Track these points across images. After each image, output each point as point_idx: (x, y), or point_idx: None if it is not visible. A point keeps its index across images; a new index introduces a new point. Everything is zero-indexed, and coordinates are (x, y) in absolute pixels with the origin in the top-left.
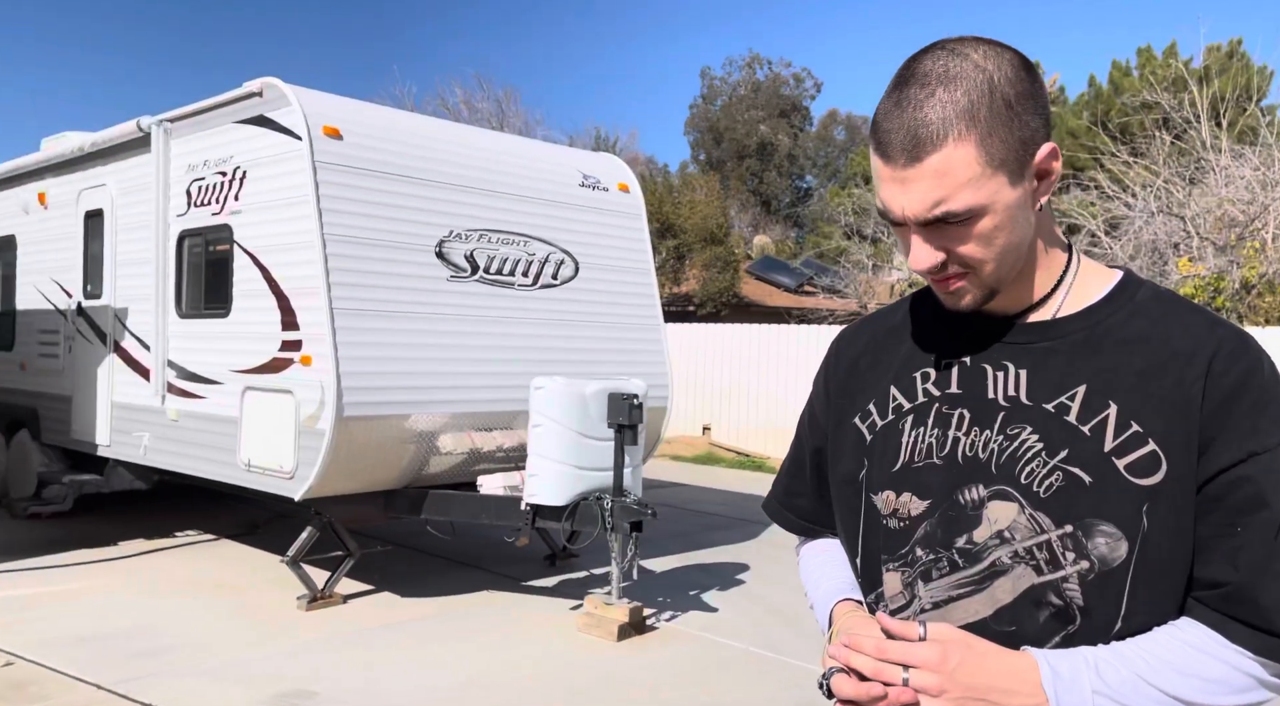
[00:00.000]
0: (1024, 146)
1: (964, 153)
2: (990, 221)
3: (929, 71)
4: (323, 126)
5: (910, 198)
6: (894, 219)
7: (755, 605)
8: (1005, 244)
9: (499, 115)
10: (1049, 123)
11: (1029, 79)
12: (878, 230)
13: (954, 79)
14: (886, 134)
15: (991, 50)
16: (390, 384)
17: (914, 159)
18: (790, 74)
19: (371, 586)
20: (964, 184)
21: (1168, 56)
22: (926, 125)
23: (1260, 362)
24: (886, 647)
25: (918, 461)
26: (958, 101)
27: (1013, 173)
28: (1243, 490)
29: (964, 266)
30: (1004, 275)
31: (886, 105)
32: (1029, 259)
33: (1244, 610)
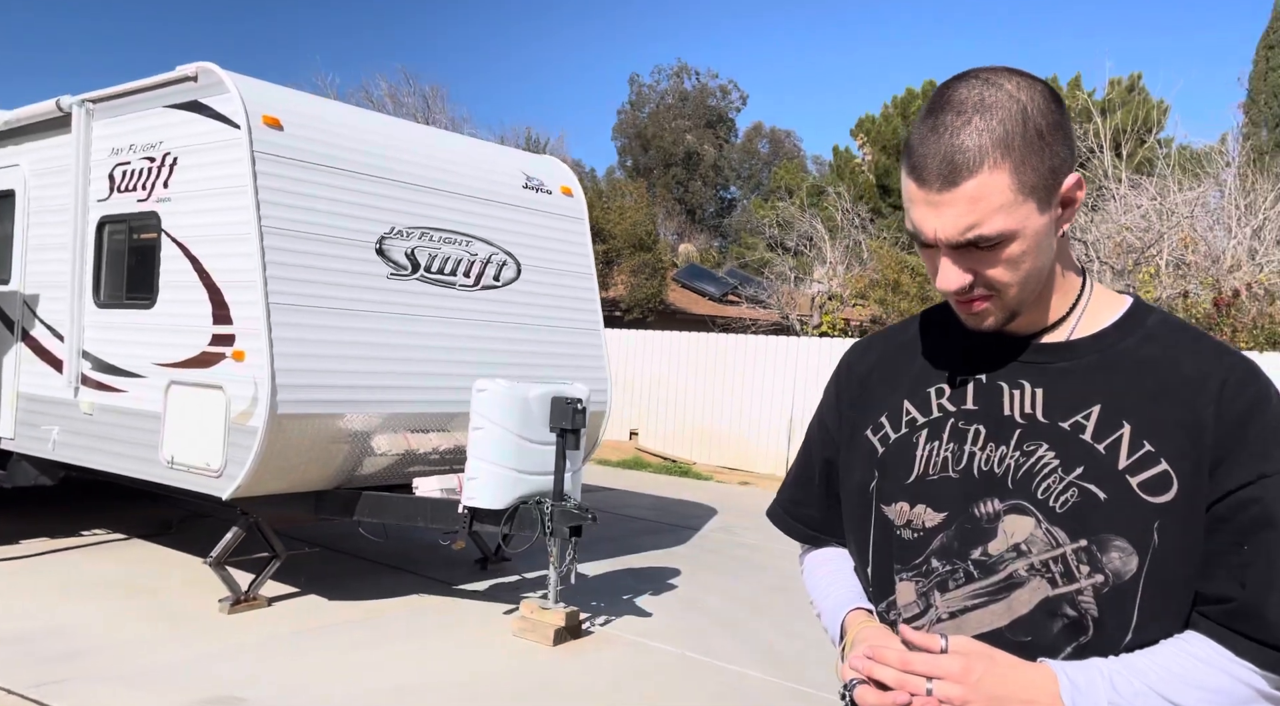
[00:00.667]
0: (1053, 175)
1: (998, 180)
2: (1019, 246)
3: (965, 99)
4: (263, 116)
5: (943, 221)
6: (924, 240)
7: (688, 609)
8: (1031, 268)
9: (425, 111)
10: (1075, 153)
11: (1059, 110)
12: (800, 243)
13: (990, 108)
14: (922, 158)
15: (1024, 81)
16: (327, 382)
17: (950, 184)
18: (717, 86)
19: (297, 589)
20: (997, 209)
21: (1073, 88)
22: (963, 152)
23: (1268, 390)
24: (911, 659)
25: (932, 474)
26: (994, 129)
27: (1041, 200)
28: (1251, 510)
29: (989, 289)
30: (1026, 298)
31: (922, 131)
32: (1048, 282)
33: (1249, 625)
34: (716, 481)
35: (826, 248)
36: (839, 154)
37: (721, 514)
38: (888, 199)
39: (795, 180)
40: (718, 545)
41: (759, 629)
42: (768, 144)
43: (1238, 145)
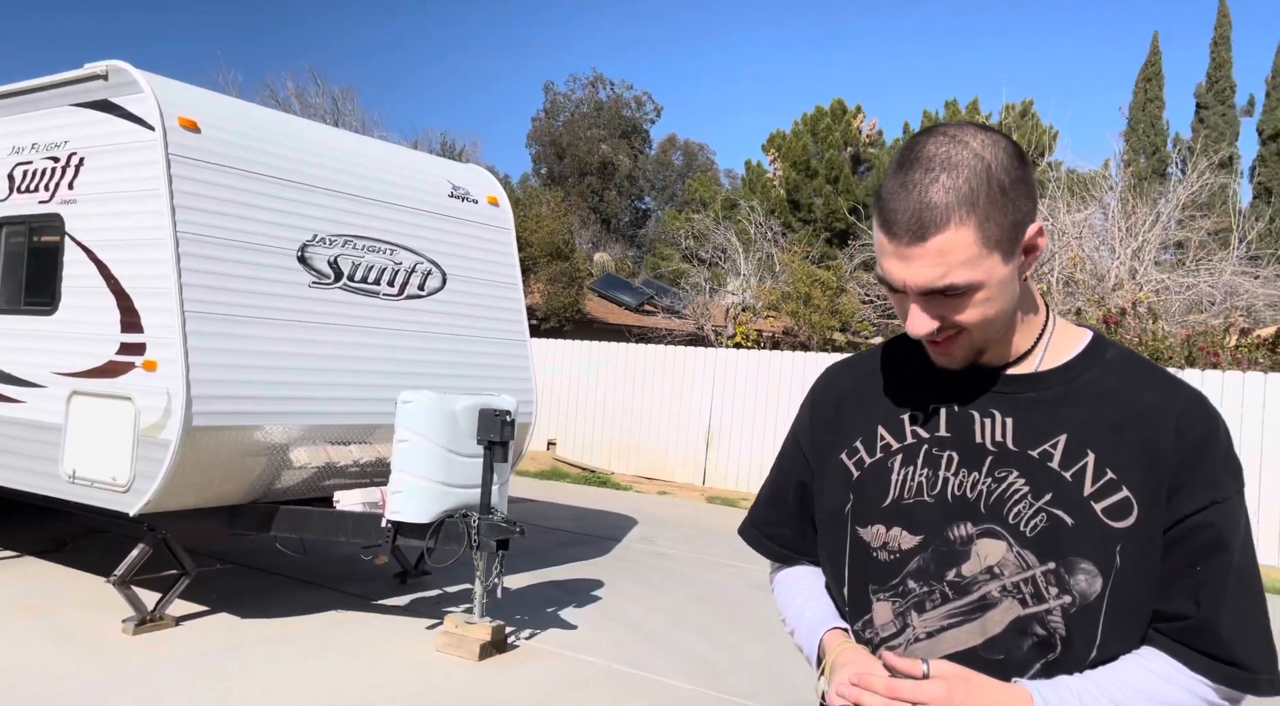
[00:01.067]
0: (1016, 228)
1: (964, 235)
2: (984, 294)
3: (933, 156)
4: (178, 117)
5: (912, 272)
6: (894, 287)
7: (613, 621)
8: (996, 312)
9: (334, 113)
10: (1037, 204)
11: (1021, 166)
12: (714, 255)
13: (956, 166)
14: (892, 213)
15: (989, 138)
16: (244, 393)
17: (918, 238)
18: (632, 97)
19: (207, 608)
20: (963, 262)
21: (971, 111)
22: (931, 208)
23: (1218, 422)
24: (897, 686)
25: (908, 498)
26: (959, 187)
27: (1005, 251)
28: (1204, 534)
29: (956, 330)
30: (992, 337)
31: (892, 185)
32: (1013, 320)
33: (1204, 641)
34: (635, 491)
35: (740, 260)
36: (751, 168)
37: (641, 524)
38: (798, 213)
39: (709, 193)
40: (639, 556)
41: (683, 639)
42: (681, 156)
43: (1120, 171)
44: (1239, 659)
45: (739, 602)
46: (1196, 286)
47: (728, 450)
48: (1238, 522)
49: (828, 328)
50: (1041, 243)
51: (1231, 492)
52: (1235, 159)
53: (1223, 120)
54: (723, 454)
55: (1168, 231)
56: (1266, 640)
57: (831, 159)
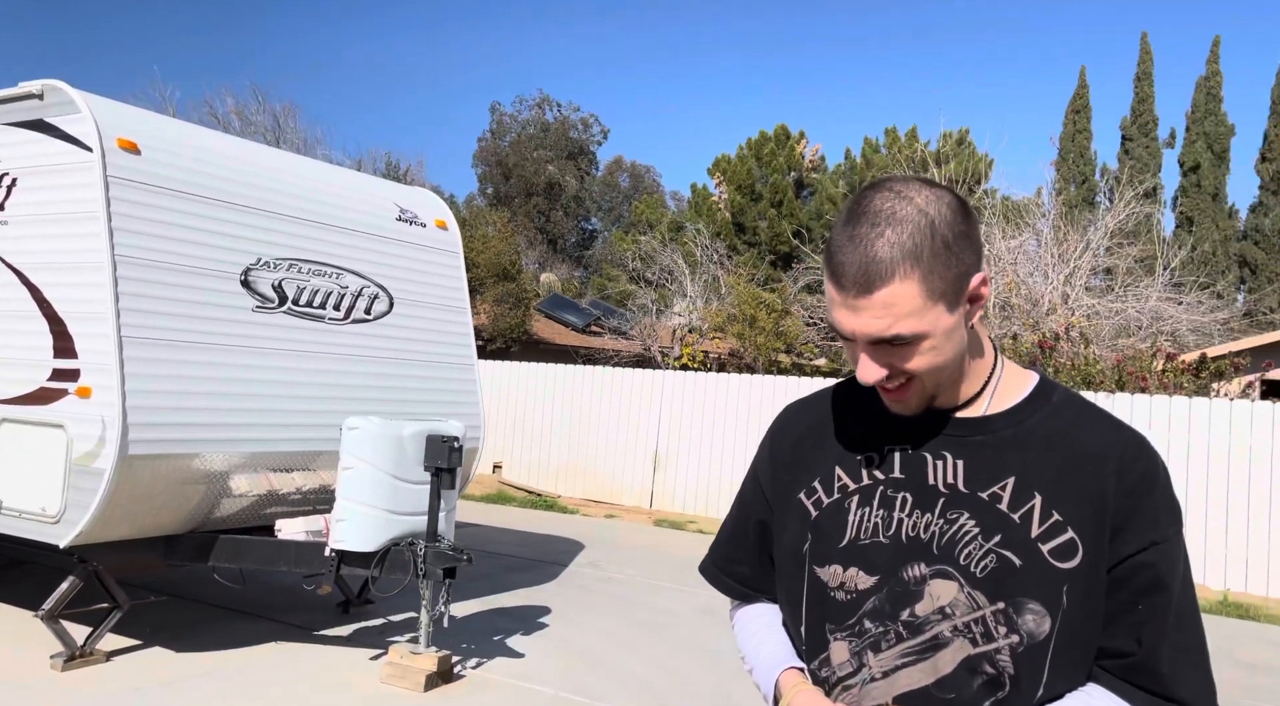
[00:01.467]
0: (959, 279)
1: (909, 288)
2: (930, 343)
3: (879, 211)
4: (117, 139)
5: (860, 322)
6: (845, 336)
7: (561, 648)
8: (943, 359)
9: (275, 131)
10: (981, 254)
11: (964, 220)
12: (661, 277)
13: (901, 221)
14: (841, 265)
15: (933, 194)
16: (183, 420)
17: (865, 291)
18: (579, 118)
19: (141, 642)
20: (908, 314)
21: (910, 139)
22: (877, 262)
23: (1157, 463)
24: None
25: (864, 539)
26: (904, 242)
27: (950, 302)
28: (1145, 574)
29: (905, 377)
30: (942, 383)
31: (841, 239)
32: (962, 365)
33: (1145, 678)
34: (582, 515)
35: (687, 282)
36: (697, 191)
37: (589, 548)
38: (743, 236)
39: (655, 215)
40: (587, 581)
41: (632, 665)
42: (628, 178)
43: (1051, 198)
44: (1179, 696)
45: (687, 628)
46: (1124, 312)
47: (675, 473)
48: (1177, 562)
49: (773, 349)
50: (985, 292)
51: (1171, 533)
52: (1159, 189)
53: (1146, 152)
54: (670, 477)
55: (1097, 258)
56: (1205, 677)
57: (776, 183)
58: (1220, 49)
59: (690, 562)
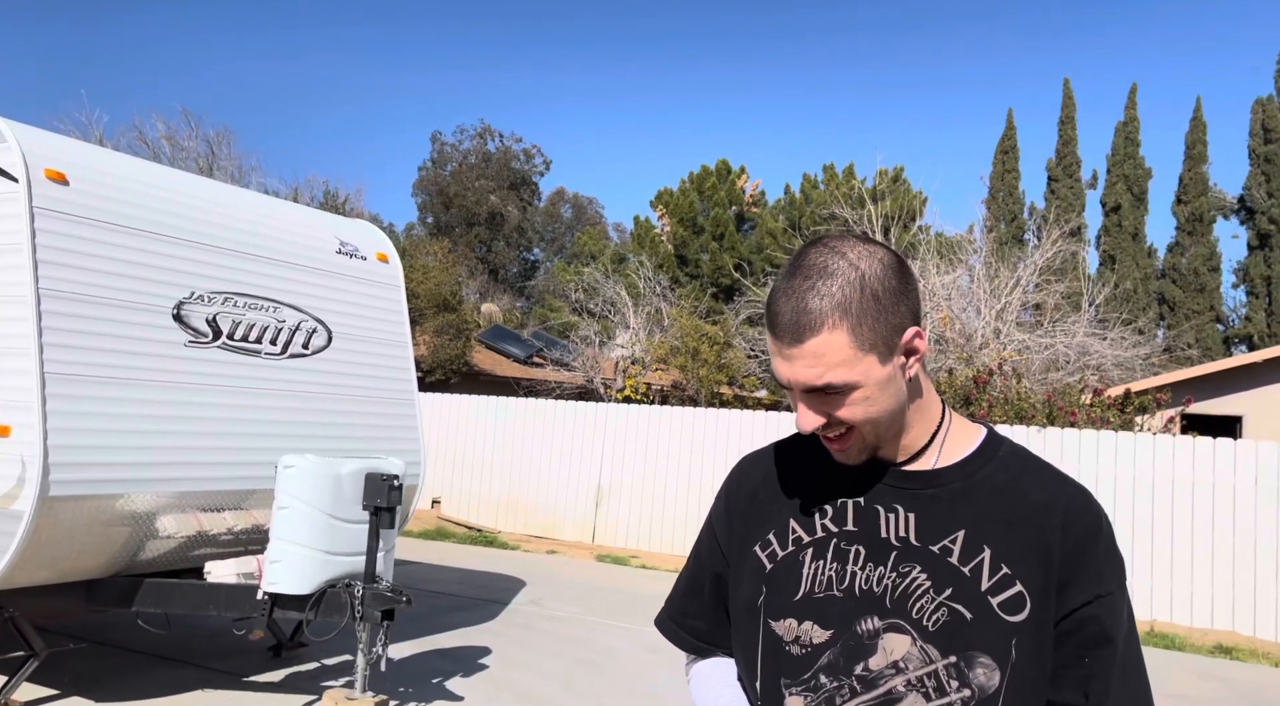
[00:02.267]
0: (892, 332)
1: (838, 338)
2: (863, 393)
3: (813, 265)
4: (45, 169)
5: (794, 371)
6: (783, 385)
7: (501, 690)
8: (879, 411)
9: (209, 157)
10: (918, 309)
11: (897, 275)
12: (604, 308)
13: (832, 274)
14: (776, 316)
15: (866, 250)
16: (108, 459)
17: (796, 340)
18: (521, 149)
19: (58, 691)
20: (838, 364)
21: (847, 176)
22: (807, 313)
23: (1100, 516)
24: None
25: (818, 592)
26: (834, 294)
27: (882, 353)
28: (1091, 627)
29: (844, 427)
30: (882, 434)
31: (778, 291)
32: (905, 420)
33: None
34: (524, 551)
35: (629, 313)
36: (639, 223)
37: (530, 586)
38: (685, 268)
39: (598, 246)
40: (528, 619)
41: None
42: (570, 209)
43: (983, 235)
44: None
45: (631, 666)
46: (1053, 346)
47: (618, 507)
48: (1121, 615)
49: (715, 382)
50: (920, 345)
51: (1114, 586)
52: (1083, 228)
53: (1071, 192)
54: (613, 511)
55: (1027, 294)
56: None
57: (718, 216)
58: (1137, 95)
59: (633, 598)
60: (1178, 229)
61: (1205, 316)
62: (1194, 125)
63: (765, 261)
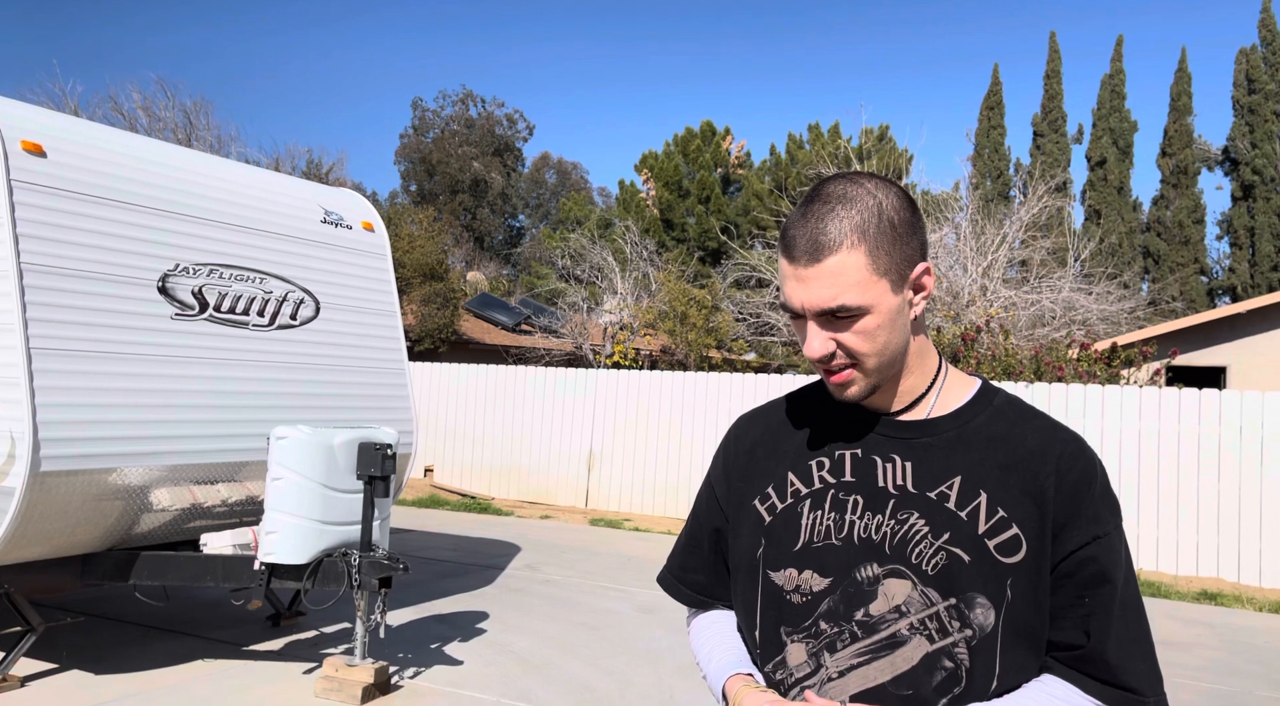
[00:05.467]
0: (905, 262)
1: (855, 259)
2: (873, 320)
3: (831, 193)
4: (21, 141)
5: (809, 293)
6: (794, 311)
7: (499, 654)
8: (885, 342)
9: (186, 127)
10: (926, 247)
11: (911, 210)
12: (591, 274)
13: (851, 200)
14: (793, 239)
15: (883, 184)
16: (98, 434)
17: (814, 260)
18: (503, 114)
19: (57, 665)
20: (854, 285)
21: (833, 135)
22: (826, 234)
23: (1094, 462)
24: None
25: (817, 542)
26: (853, 217)
27: (894, 282)
28: (1089, 568)
29: (850, 358)
30: (884, 370)
31: (795, 217)
32: (905, 363)
33: (1095, 668)
34: (517, 516)
35: (617, 279)
36: (625, 188)
37: (525, 550)
38: (672, 232)
39: (583, 211)
40: (524, 583)
41: (572, 668)
42: (555, 174)
43: (969, 193)
44: (1128, 683)
45: (627, 627)
46: (1039, 302)
47: (610, 471)
48: (1119, 554)
49: (704, 345)
50: (928, 282)
51: (1111, 527)
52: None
53: (1057, 147)
54: (605, 475)
55: (1013, 250)
56: (1152, 664)
57: (703, 179)
58: (1124, 47)
59: (627, 560)
60: (1162, 182)
61: (1190, 269)
62: (1179, 77)
63: (752, 224)
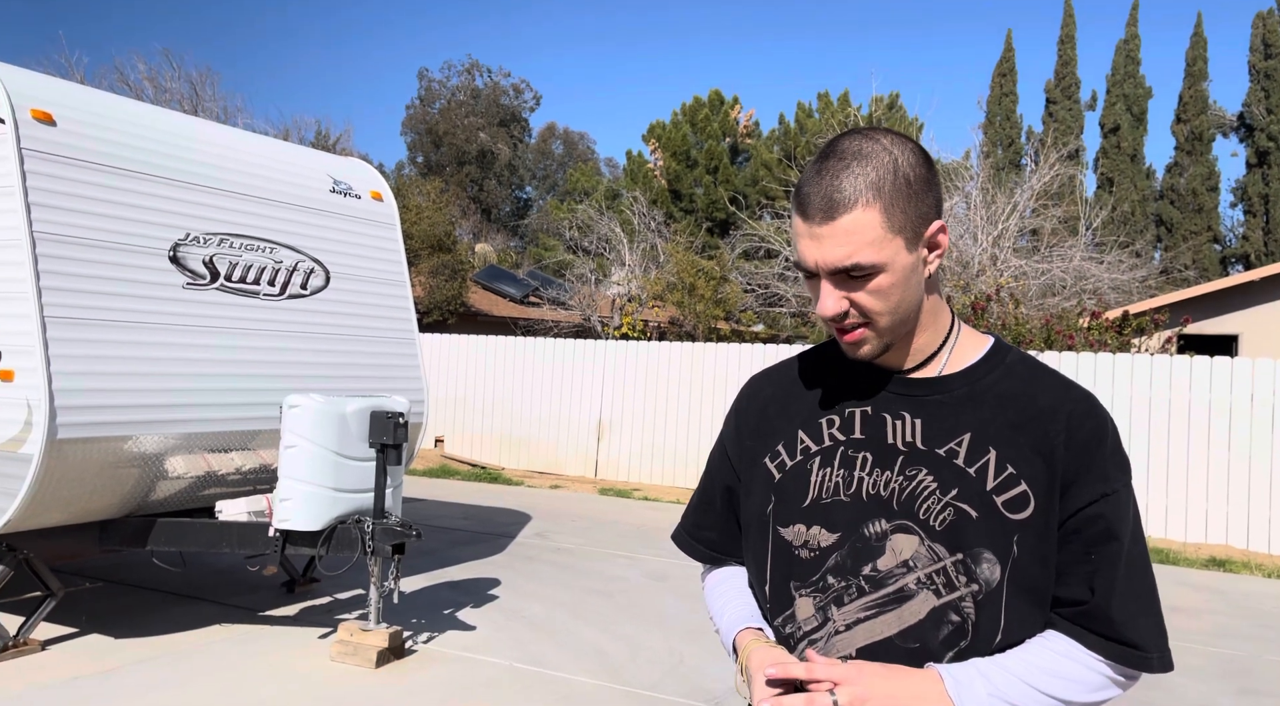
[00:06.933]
0: (920, 220)
1: (870, 217)
2: (888, 279)
3: (846, 149)
4: (31, 109)
5: (823, 251)
6: (808, 270)
7: (511, 620)
8: (899, 300)
9: (193, 98)
10: (941, 204)
11: (927, 166)
12: (598, 245)
13: (866, 156)
14: (807, 197)
15: (898, 139)
16: (113, 402)
17: (829, 218)
18: (510, 84)
19: (77, 630)
20: (868, 243)
21: (842, 103)
22: (841, 191)
23: (1105, 420)
24: (813, 668)
25: (826, 498)
26: (868, 175)
27: (909, 240)
28: (1097, 525)
29: (863, 316)
30: (897, 329)
31: (810, 174)
32: (919, 320)
33: (1100, 624)
34: (527, 486)
35: (624, 250)
36: (632, 158)
37: (535, 519)
38: (680, 203)
39: (590, 182)
40: (535, 551)
41: (584, 634)
42: (561, 145)
43: (979, 161)
44: (1131, 639)
45: (636, 594)
46: (1050, 272)
47: (619, 442)
48: (1127, 513)
49: (712, 317)
50: (943, 240)
51: (1120, 485)
52: (1081, 151)
53: (1069, 114)
54: (614, 446)
55: (1024, 219)
56: (1157, 622)
57: (711, 149)
58: (1139, 12)
59: (637, 529)
60: (1177, 149)
61: (1203, 237)
62: (1194, 41)
63: (760, 194)
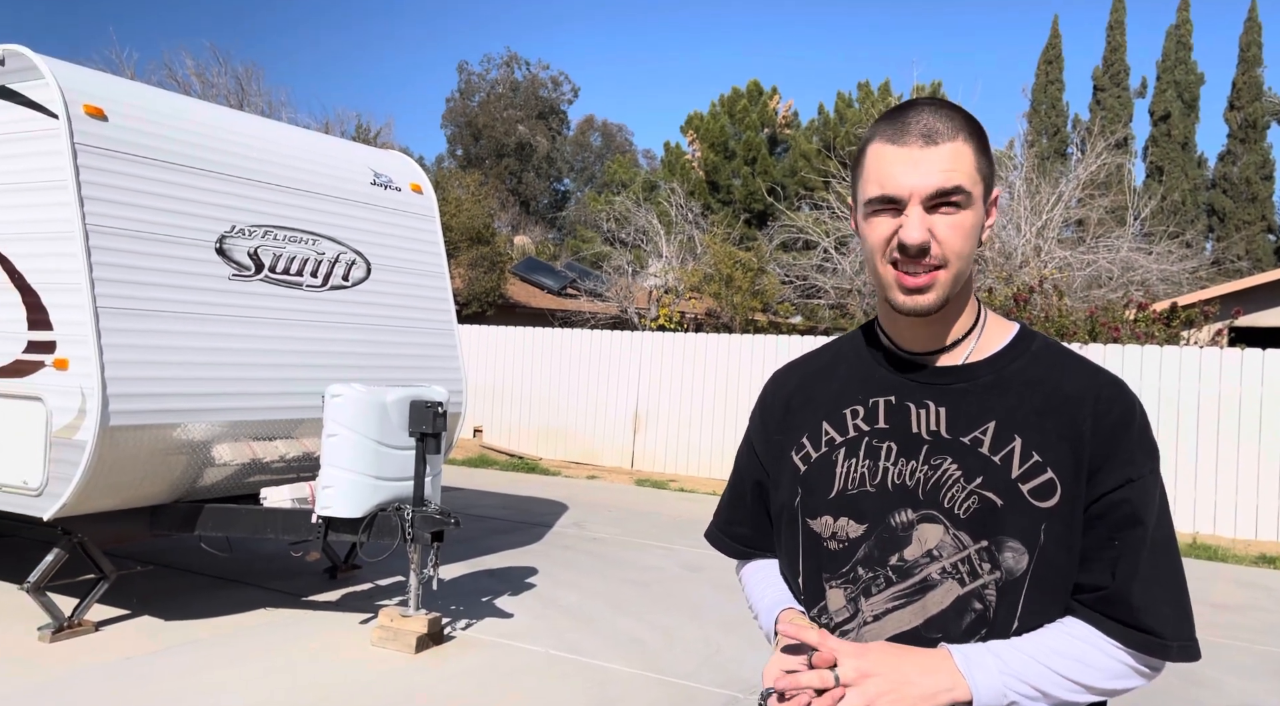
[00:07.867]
0: (989, 178)
1: (967, 152)
2: (971, 216)
3: (926, 105)
4: (84, 105)
5: (921, 174)
6: (891, 198)
7: (548, 608)
8: (971, 246)
9: (238, 93)
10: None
11: (986, 138)
12: (636, 237)
13: (953, 109)
14: (903, 126)
15: (963, 109)
16: (163, 390)
17: (931, 143)
18: (548, 77)
19: (129, 611)
20: (966, 172)
21: (883, 93)
22: (941, 122)
23: (1134, 405)
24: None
25: (852, 489)
26: (959, 120)
27: (984, 192)
28: (1122, 510)
29: (937, 261)
30: (957, 282)
31: (892, 115)
32: (961, 295)
33: (1118, 610)
34: (565, 476)
35: (661, 242)
36: (670, 150)
37: (572, 509)
38: (717, 195)
39: (628, 174)
40: (571, 541)
41: (620, 622)
42: (600, 137)
43: (1024, 150)
44: (1150, 627)
45: (672, 584)
46: (1096, 263)
47: (655, 433)
48: (1153, 498)
49: (750, 309)
50: (995, 212)
51: (1146, 470)
52: (1130, 139)
53: (1118, 102)
54: (650, 437)
55: (1069, 210)
56: (1179, 610)
57: (749, 140)
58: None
59: (673, 520)
60: (1229, 136)
61: (1256, 227)
62: (1249, 26)
63: (799, 185)
